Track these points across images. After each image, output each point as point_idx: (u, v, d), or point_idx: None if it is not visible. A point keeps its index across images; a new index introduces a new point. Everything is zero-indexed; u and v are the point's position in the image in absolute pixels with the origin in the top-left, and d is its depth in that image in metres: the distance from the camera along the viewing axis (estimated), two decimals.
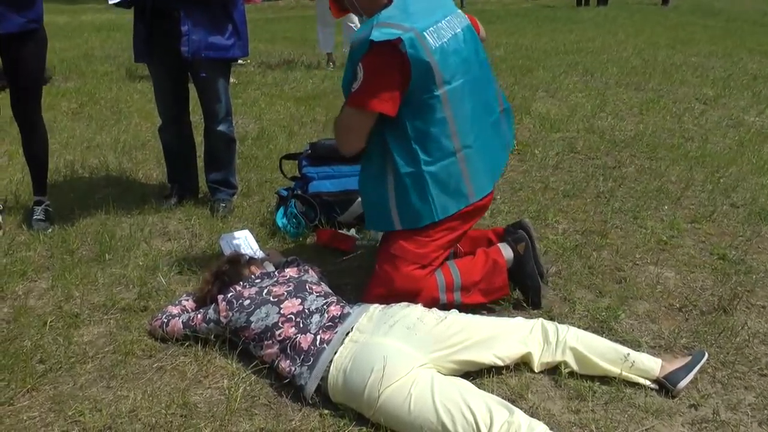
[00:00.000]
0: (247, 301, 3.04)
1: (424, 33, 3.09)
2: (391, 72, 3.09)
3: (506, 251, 3.45)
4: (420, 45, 3.06)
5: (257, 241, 4.06)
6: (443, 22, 3.23)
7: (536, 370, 2.96)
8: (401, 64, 3.07)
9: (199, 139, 5.01)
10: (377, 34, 3.04)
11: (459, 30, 3.30)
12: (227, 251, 3.89)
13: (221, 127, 4.72)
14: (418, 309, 2.97)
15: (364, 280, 3.66)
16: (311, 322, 2.91)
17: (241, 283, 3.20)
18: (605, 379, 2.91)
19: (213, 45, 4.39)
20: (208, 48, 4.38)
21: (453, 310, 3.03)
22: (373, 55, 3.09)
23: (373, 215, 3.48)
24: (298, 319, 2.92)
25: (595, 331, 3.15)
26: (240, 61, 11.08)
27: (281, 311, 2.96)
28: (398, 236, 3.34)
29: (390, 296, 3.20)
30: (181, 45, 4.32)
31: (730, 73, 9.83)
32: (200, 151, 5.04)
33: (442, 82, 3.15)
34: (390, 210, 3.33)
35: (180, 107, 4.80)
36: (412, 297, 3.19)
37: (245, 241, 4.01)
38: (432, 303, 3.20)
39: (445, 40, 3.17)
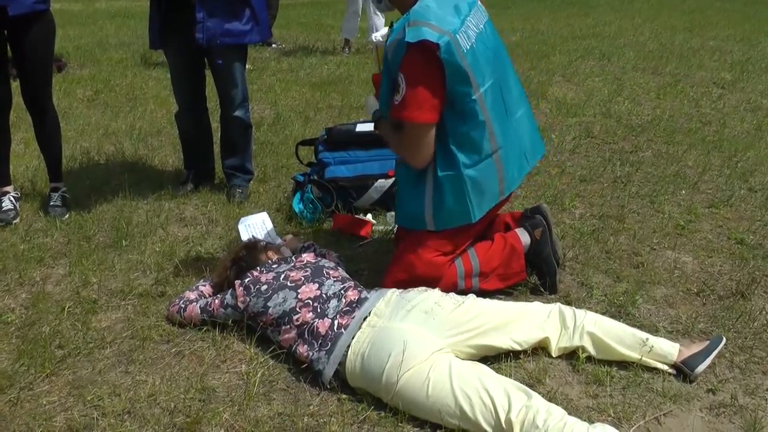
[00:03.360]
0: (265, 287, 3.05)
1: (457, 36, 3.02)
2: (432, 77, 3.04)
3: (523, 236, 3.44)
4: (455, 50, 3.00)
5: (274, 227, 4.06)
6: (470, 18, 3.15)
7: (554, 355, 2.96)
8: (438, 68, 3.02)
9: (215, 125, 5.02)
10: (412, 35, 2.98)
11: (482, 26, 3.23)
12: (244, 235, 3.90)
13: (238, 113, 4.72)
14: (435, 294, 2.97)
15: (381, 265, 3.67)
16: (329, 307, 2.91)
17: (258, 268, 3.20)
18: (623, 364, 2.91)
19: (229, 32, 4.39)
20: (224, 35, 4.38)
21: (470, 295, 3.02)
22: (411, 59, 3.03)
23: (406, 214, 3.43)
24: (315, 304, 2.93)
25: (612, 316, 3.14)
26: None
27: (299, 296, 2.96)
28: None
29: (411, 282, 3.19)
30: (196, 32, 4.32)
31: (748, 57, 9.76)
32: (216, 137, 5.05)
33: (477, 86, 3.10)
34: (424, 211, 3.29)
35: (197, 93, 4.81)
36: (432, 283, 3.18)
37: (263, 224, 4.01)
38: (450, 288, 3.20)
39: (473, 41, 3.11)
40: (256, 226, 4.01)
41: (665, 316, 3.33)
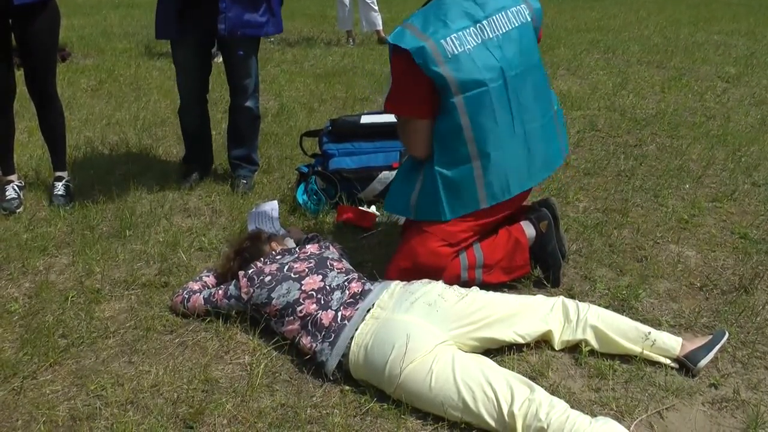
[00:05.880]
0: (268, 278, 3.05)
1: (441, 41, 3.08)
2: (414, 76, 3.11)
3: (528, 229, 3.43)
4: (431, 55, 3.06)
5: (278, 218, 4.07)
6: (482, 23, 3.19)
7: (557, 348, 2.96)
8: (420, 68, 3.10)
9: (219, 116, 5.00)
10: (393, 36, 3.12)
11: (501, 33, 3.22)
12: (251, 224, 3.90)
13: (249, 103, 4.73)
14: (439, 286, 2.97)
15: (385, 256, 3.67)
16: (332, 299, 2.92)
17: (262, 259, 3.20)
18: (625, 357, 2.91)
19: (248, 23, 4.39)
20: (243, 26, 4.38)
21: (474, 288, 3.03)
22: (393, 57, 3.17)
23: (393, 198, 3.49)
24: (319, 296, 2.93)
25: (615, 310, 3.14)
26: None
27: (302, 288, 2.97)
28: None
29: (414, 270, 3.20)
30: (219, 23, 4.32)
31: (753, 51, 9.74)
32: (219, 128, 5.03)
33: (458, 90, 3.12)
34: (410, 200, 3.36)
35: (204, 86, 4.80)
36: (435, 274, 3.18)
37: (270, 214, 4.01)
38: (453, 280, 3.20)
39: (470, 47, 3.13)
40: (264, 215, 4.01)
41: (668, 310, 3.33)
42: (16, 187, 4.55)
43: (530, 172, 3.40)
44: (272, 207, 4.07)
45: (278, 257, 3.21)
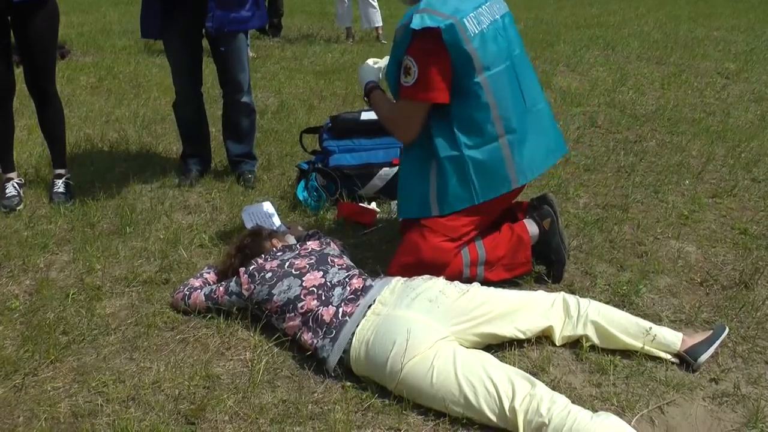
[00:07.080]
0: (269, 274, 3.05)
1: (464, 20, 3.11)
2: (439, 59, 3.12)
3: (531, 227, 3.43)
4: (459, 33, 3.08)
5: (278, 214, 4.07)
6: (484, 7, 3.23)
7: (558, 344, 2.96)
8: (445, 51, 3.10)
9: (219, 113, 5.00)
10: (417, 22, 3.08)
11: (498, 16, 3.28)
12: (249, 223, 3.90)
13: (245, 99, 4.75)
14: (440, 282, 2.97)
15: (385, 253, 3.67)
16: (333, 295, 2.91)
17: (263, 256, 3.20)
18: (626, 353, 2.91)
19: (236, 19, 4.43)
20: (231, 22, 4.42)
21: (475, 284, 3.02)
22: (419, 44, 3.14)
23: (409, 202, 3.44)
24: (320, 292, 2.93)
25: (616, 305, 3.13)
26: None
27: (303, 284, 2.97)
28: None
29: (416, 266, 3.21)
30: (207, 21, 4.35)
31: (753, 48, 9.74)
32: (219, 125, 5.02)
33: (482, 69, 3.15)
34: (429, 196, 3.33)
35: (197, 81, 4.81)
36: (437, 269, 3.19)
37: (266, 212, 4.02)
38: (455, 276, 3.20)
39: (485, 26, 3.17)
40: (260, 214, 4.02)
41: (669, 305, 3.33)
42: (16, 185, 4.55)
43: (549, 150, 3.48)
44: (266, 206, 4.07)
45: (279, 254, 3.21)
